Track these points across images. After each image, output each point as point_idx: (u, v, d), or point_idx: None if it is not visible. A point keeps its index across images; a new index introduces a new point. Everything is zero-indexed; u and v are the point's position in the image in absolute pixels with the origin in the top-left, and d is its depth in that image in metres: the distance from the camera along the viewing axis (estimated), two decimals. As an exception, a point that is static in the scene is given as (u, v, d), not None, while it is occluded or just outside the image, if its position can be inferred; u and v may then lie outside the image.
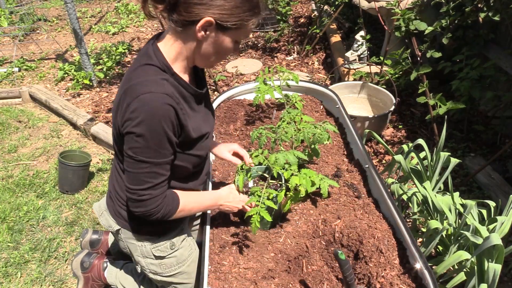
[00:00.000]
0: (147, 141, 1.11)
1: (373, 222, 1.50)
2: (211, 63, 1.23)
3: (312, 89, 2.36)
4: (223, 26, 1.10)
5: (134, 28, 5.69)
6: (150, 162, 1.14)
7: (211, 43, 1.14)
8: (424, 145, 2.07)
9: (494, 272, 1.45)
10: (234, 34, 1.14)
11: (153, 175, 1.17)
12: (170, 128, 1.13)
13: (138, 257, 1.46)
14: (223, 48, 1.16)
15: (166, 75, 1.16)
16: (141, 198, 1.19)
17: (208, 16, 1.07)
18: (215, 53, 1.18)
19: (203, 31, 1.10)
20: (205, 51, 1.17)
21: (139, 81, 1.12)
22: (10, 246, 2.40)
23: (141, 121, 1.08)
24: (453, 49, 2.88)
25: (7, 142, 3.37)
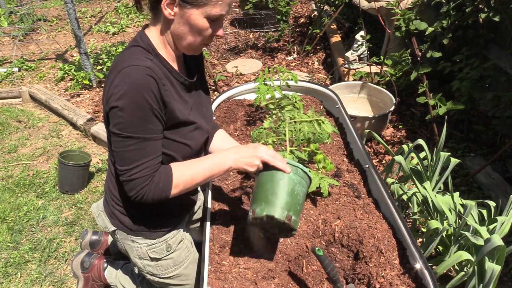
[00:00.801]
0: (131, 114, 1.07)
1: (373, 222, 1.50)
2: (191, 46, 1.17)
3: (312, 89, 2.36)
4: (187, 1, 1.07)
5: (134, 28, 5.69)
6: (136, 137, 1.10)
7: (181, 21, 1.11)
8: (424, 145, 2.07)
9: (493, 272, 1.45)
10: (202, 9, 1.09)
11: (142, 153, 1.11)
12: (154, 100, 1.09)
13: (135, 258, 1.46)
14: (195, 26, 1.11)
15: (150, 56, 1.15)
16: (131, 178, 1.13)
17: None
18: (189, 32, 1.13)
19: (169, 8, 1.09)
20: (178, 31, 1.14)
21: (122, 59, 1.12)
22: (10, 246, 2.40)
23: (123, 93, 1.05)
24: (453, 49, 2.88)
25: (7, 142, 3.37)
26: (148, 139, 1.12)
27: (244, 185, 1.78)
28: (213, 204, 1.63)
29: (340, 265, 1.42)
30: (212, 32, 1.15)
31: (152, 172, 1.14)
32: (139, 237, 1.40)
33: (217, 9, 1.10)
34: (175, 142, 1.23)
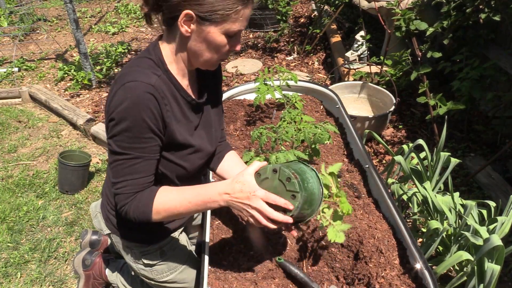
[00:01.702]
0: (126, 130, 1.05)
1: (373, 222, 1.50)
2: (208, 62, 1.15)
3: (312, 89, 2.36)
4: (205, 18, 1.04)
5: (134, 28, 5.69)
6: (127, 153, 1.07)
7: (198, 38, 1.08)
8: (424, 145, 2.07)
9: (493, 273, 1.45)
10: (220, 26, 1.06)
11: (129, 170, 1.09)
12: (153, 119, 1.06)
13: (130, 262, 1.45)
14: (212, 43, 1.09)
15: (159, 71, 1.12)
16: (116, 192, 1.11)
17: (187, 9, 1.03)
18: (207, 49, 1.11)
19: (186, 26, 1.06)
20: (195, 48, 1.11)
21: (129, 70, 1.09)
22: (10, 246, 2.40)
23: (122, 108, 1.04)
24: (453, 49, 2.88)
25: (7, 142, 3.37)
26: (139, 157, 1.08)
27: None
28: (213, 204, 1.63)
29: (340, 265, 1.42)
30: (230, 48, 1.12)
31: (135, 191, 1.11)
32: (133, 242, 1.39)
33: (236, 25, 1.07)
34: (169, 161, 1.21)
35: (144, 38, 5.35)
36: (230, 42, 1.11)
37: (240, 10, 1.05)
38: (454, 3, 2.65)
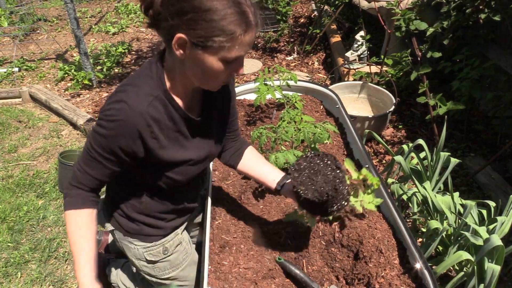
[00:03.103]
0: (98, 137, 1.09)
1: (373, 222, 1.50)
2: (207, 86, 1.10)
3: (312, 89, 2.36)
4: (198, 45, 0.97)
5: (134, 28, 5.69)
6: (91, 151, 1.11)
7: (194, 63, 1.02)
8: (424, 145, 2.07)
9: (493, 273, 1.46)
10: (217, 53, 0.98)
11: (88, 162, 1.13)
12: (125, 147, 1.09)
13: (132, 259, 1.45)
14: (209, 70, 1.02)
15: (157, 91, 1.09)
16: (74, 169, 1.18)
17: (180, 33, 0.96)
18: (203, 75, 1.04)
19: (180, 49, 0.99)
20: (192, 71, 1.05)
21: (128, 87, 1.08)
22: (10, 246, 2.40)
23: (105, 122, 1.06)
24: (453, 49, 2.88)
25: (7, 142, 3.37)
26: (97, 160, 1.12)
27: (244, 185, 1.78)
28: (213, 204, 1.63)
29: (340, 265, 1.42)
30: (230, 73, 1.06)
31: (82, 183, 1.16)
32: (136, 239, 1.39)
33: (233, 52, 0.99)
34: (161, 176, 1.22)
35: (144, 38, 5.35)
36: (229, 68, 1.03)
37: (239, 37, 0.96)
38: (454, 3, 2.65)
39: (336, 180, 1.21)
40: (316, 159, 1.27)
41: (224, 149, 1.46)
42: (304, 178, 1.24)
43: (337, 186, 1.20)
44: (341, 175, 1.22)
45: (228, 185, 1.77)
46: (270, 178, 1.39)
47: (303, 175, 1.24)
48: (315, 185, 1.22)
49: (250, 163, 1.45)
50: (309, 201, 1.22)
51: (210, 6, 0.93)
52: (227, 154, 1.47)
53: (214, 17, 0.93)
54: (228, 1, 0.94)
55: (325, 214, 1.28)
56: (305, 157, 1.28)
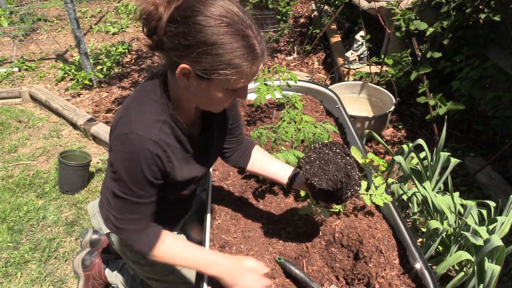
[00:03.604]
0: (125, 181, 1.07)
1: (373, 222, 1.50)
2: (212, 109, 1.09)
3: (312, 89, 2.36)
4: (203, 77, 0.95)
5: (134, 28, 5.69)
6: (128, 199, 1.10)
7: (198, 92, 1.01)
8: (424, 145, 2.07)
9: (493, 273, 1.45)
10: (222, 85, 0.97)
11: (132, 211, 1.12)
12: (151, 174, 1.08)
13: (129, 261, 1.45)
14: (213, 99, 1.01)
15: (163, 116, 1.08)
16: (119, 225, 1.15)
17: (184, 64, 0.94)
18: (208, 102, 1.04)
19: (184, 78, 0.98)
20: (196, 98, 1.05)
21: (134, 117, 1.05)
22: (10, 246, 2.40)
23: (121, 160, 1.04)
24: (453, 49, 2.88)
25: (7, 142, 3.37)
26: (139, 202, 1.11)
27: (244, 185, 1.78)
28: (213, 204, 1.63)
29: (340, 265, 1.42)
30: (234, 99, 1.06)
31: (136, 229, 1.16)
32: None
33: (239, 84, 0.98)
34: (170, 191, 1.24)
35: (144, 38, 5.35)
36: (233, 95, 1.03)
37: (245, 70, 0.95)
38: (454, 3, 2.65)
39: (347, 166, 1.24)
40: (324, 149, 1.29)
41: (232, 152, 1.47)
42: (316, 169, 1.26)
43: (349, 172, 1.22)
44: (351, 161, 1.25)
45: (228, 185, 1.77)
46: (281, 174, 1.42)
47: (314, 167, 1.26)
48: (327, 174, 1.24)
49: (259, 162, 1.46)
50: (323, 191, 1.24)
51: (216, 40, 0.90)
52: (235, 157, 1.47)
53: (220, 51, 0.91)
54: (234, 35, 0.91)
55: (340, 201, 1.30)
56: (313, 149, 1.30)
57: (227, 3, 0.93)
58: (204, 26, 0.90)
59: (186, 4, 0.93)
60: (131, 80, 4.30)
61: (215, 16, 0.90)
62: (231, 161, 1.49)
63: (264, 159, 1.47)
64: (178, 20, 0.92)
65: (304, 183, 1.35)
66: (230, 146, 1.45)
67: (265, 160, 1.46)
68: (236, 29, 0.91)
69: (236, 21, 0.91)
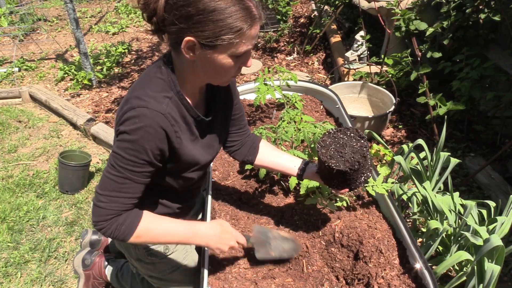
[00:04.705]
0: (126, 150, 1.05)
1: (373, 222, 1.50)
2: (219, 82, 1.13)
3: (312, 89, 2.36)
4: (208, 45, 0.99)
5: (134, 28, 5.69)
6: (119, 171, 1.07)
7: (205, 63, 1.05)
8: (424, 145, 2.07)
9: (493, 273, 1.45)
10: (226, 50, 1.01)
11: (117, 187, 1.08)
12: (154, 150, 1.07)
13: (132, 259, 1.45)
14: (220, 67, 1.05)
15: (170, 93, 1.09)
16: (97, 204, 1.09)
17: (188, 36, 0.98)
18: (215, 72, 1.08)
19: (190, 51, 1.02)
20: (203, 70, 1.08)
21: (141, 93, 1.06)
22: (10, 246, 2.40)
23: (129, 130, 1.03)
24: (453, 49, 2.88)
25: (7, 142, 3.37)
26: (129, 178, 1.08)
27: (244, 185, 1.78)
28: (213, 204, 1.63)
29: (340, 265, 1.42)
30: (240, 66, 1.09)
31: (119, 210, 1.09)
32: None
33: (242, 47, 1.02)
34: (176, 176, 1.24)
35: (144, 38, 5.35)
36: (239, 61, 1.07)
37: (246, 32, 0.99)
38: (454, 3, 2.65)
39: (363, 148, 1.27)
40: (339, 134, 1.33)
41: (239, 145, 1.47)
42: (332, 152, 1.29)
43: (365, 154, 1.26)
44: (366, 143, 1.29)
45: (228, 185, 1.77)
46: (291, 165, 1.44)
47: (330, 150, 1.30)
48: (344, 156, 1.27)
49: (268, 155, 1.48)
50: (341, 173, 1.26)
51: (215, 7, 0.95)
52: (243, 151, 1.47)
53: (220, 16, 0.95)
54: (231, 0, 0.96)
55: (354, 186, 1.34)
56: (328, 134, 1.34)
57: None
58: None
59: None
60: (131, 80, 4.30)
61: None
62: (239, 155, 1.48)
63: (272, 152, 1.48)
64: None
65: (315, 172, 1.39)
66: (237, 139, 1.46)
67: (273, 153, 1.48)
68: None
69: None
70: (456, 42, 2.80)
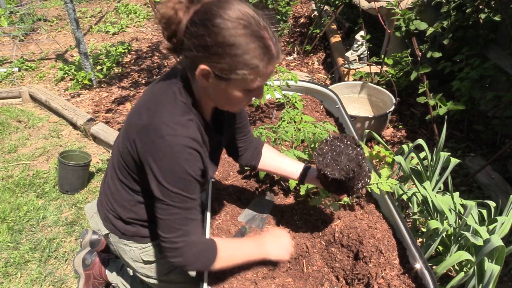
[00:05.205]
0: (175, 186, 1.07)
1: (373, 222, 1.50)
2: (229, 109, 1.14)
3: (312, 89, 2.36)
4: (222, 77, 1.00)
5: (134, 28, 5.69)
6: (179, 207, 1.09)
7: (217, 92, 1.06)
8: (424, 145, 2.07)
9: (493, 273, 1.45)
10: (240, 84, 1.01)
11: (185, 221, 1.11)
12: (197, 172, 1.10)
13: (128, 261, 1.45)
14: (232, 99, 1.06)
15: (191, 115, 1.11)
16: (176, 246, 1.12)
17: (204, 65, 0.99)
18: (226, 101, 1.09)
19: (204, 79, 1.03)
20: (215, 97, 1.09)
21: (168, 119, 1.06)
22: (10, 246, 2.40)
23: (166, 167, 1.05)
24: (453, 49, 2.88)
25: (7, 142, 3.37)
26: (190, 207, 1.11)
27: (244, 185, 1.78)
28: (213, 204, 1.63)
29: (340, 265, 1.42)
30: (251, 99, 1.11)
31: (196, 240, 1.14)
32: (132, 241, 1.39)
33: (256, 83, 1.02)
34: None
35: (144, 38, 5.35)
36: (251, 95, 1.07)
37: (261, 69, 0.99)
38: (454, 3, 2.65)
39: (358, 157, 1.29)
40: (336, 141, 1.36)
41: (244, 151, 1.50)
42: (328, 160, 1.32)
43: (360, 162, 1.28)
44: (362, 152, 1.31)
45: (228, 185, 1.77)
46: (293, 170, 1.47)
47: (327, 158, 1.32)
48: (340, 164, 1.30)
49: (271, 160, 1.51)
50: (336, 181, 1.29)
51: (234, 42, 0.94)
52: (247, 156, 1.50)
53: (237, 51, 0.95)
54: (251, 36, 0.95)
55: (351, 192, 1.36)
56: (325, 142, 1.37)
57: (243, 6, 0.97)
58: (222, 28, 0.94)
59: (205, 8, 0.97)
60: (131, 80, 4.30)
61: (233, 18, 0.94)
62: (243, 160, 1.51)
63: (275, 157, 1.52)
64: (197, 23, 0.96)
65: (316, 177, 1.42)
66: (241, 145, 1.48)
67: (276, 158, 1.51)
68: (253, 31, 0.95)
69: (252, 23, 0.96)
70: (456, 42, 2.80)
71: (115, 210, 1.35)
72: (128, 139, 1.14)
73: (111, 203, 1.35)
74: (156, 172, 1.06)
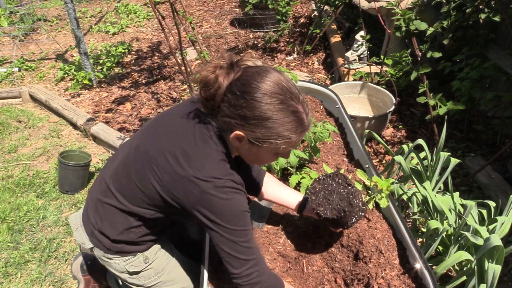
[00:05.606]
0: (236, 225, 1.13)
1: (373, 222, 1.50)
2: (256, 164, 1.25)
3: (312, 89, 2.36)
4: (255, 144, 1.08)
5: (134, 28, 5.69)
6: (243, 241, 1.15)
7: (248, 152, 1.14)
8: (424, 145, 2.07)
9: (494, 273, 1.45)
10: (271, 150, 1.10)
11: (250, 251, 1.17)
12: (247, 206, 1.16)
13: (115, 273, 1.43)
14: (262, 159, 1.16)
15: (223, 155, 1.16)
16: (252, 278, 1.17)
17: (239, 131, 1.06)
18: (255, 159, 1.18)
19: (237, 140, 1.10)
20: (245, 155, 1.18)
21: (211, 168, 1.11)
22: (10, 246, 2.40)
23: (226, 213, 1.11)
24: (453, 49, 2.88)
25: (7, 142, 3.37)
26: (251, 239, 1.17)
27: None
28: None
29: (340, 265, 1.42)
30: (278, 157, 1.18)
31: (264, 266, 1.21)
32: (116, 255, 1.38)
33: (286, 150, 1.11)
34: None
35: (144, 38, 5.35)
36: (279, 156, 1.15)
37: (294, 139, 1.08)
38: (454, 3, 2.65)
39: (349, 196, 1.36)
40: (328, 180, 1.42)
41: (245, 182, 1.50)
42: (321, 199, 1.39)
43: (351, 201, 1.34)
44: (353, 190, 1.37)
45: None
46: (292, 201, 1.52)
47: (319, 197, 1.39)
48: (331, 204, 1.36)
49: (272, 190, 1.55)
50: (329, 219, 1.36)
51: (271, 116, 1.02)
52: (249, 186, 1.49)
53: (273, 124, 1.03)
54: (287, 111, 1.03)
55: (346, 226, 1.42)
56: (318, 180, 1.44)
57: (282, 79, 1.05)
58: (260, 102, 1.02)
59: (244, 78, 1.05)
60: (131, 80, 4.30)
61: (270, 93, 1.02)
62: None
63: (276, 187, 1.55)
64: (237, 93, 1.04)
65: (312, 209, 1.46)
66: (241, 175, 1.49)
67: (277, 188, 1.55)
68: (288, 105, 1.03)
69: (288, 98, 1.04)
70: (456, 42, 2.80)
71: (103, 228, 1.34)
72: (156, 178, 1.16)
73: (100, 221, 1.34)
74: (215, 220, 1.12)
